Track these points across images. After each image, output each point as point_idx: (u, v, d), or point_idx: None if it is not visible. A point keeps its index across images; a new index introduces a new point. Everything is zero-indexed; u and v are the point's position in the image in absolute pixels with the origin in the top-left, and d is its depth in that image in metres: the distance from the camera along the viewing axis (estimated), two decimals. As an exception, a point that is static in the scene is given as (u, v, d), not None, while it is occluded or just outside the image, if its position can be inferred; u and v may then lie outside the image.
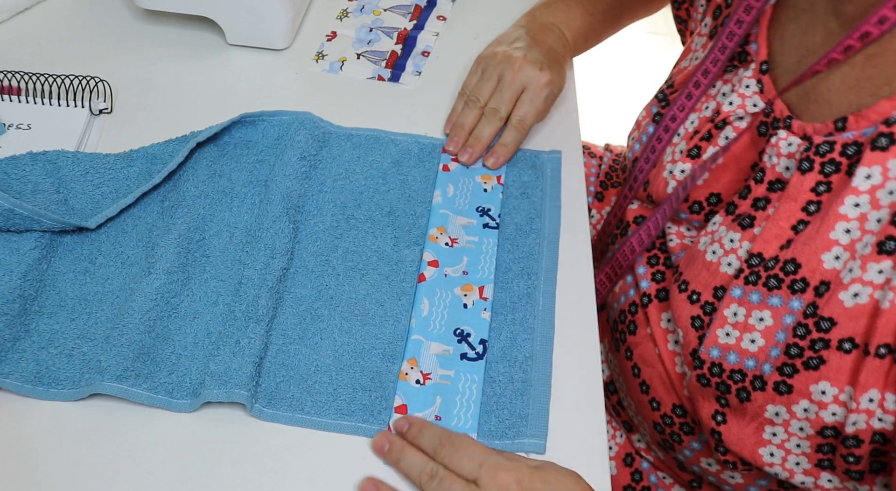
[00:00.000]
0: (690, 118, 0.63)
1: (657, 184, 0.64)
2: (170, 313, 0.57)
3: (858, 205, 0.48)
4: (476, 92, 0.70)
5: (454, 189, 0.66)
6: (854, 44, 0.49)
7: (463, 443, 0.50)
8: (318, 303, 0.59)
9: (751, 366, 0.52)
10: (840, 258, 0.49)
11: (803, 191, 0.51)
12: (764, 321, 0.52)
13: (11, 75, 0.72)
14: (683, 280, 0.58)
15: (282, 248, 0.60)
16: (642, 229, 0.64)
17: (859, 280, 0.47)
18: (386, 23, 0.83)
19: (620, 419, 0.71)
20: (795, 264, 0.50)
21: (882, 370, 0.47)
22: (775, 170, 0.54)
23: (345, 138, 0.70)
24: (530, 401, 0.55)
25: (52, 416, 0.53)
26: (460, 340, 0.57)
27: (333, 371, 0.55)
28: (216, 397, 0.52)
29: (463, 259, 0.61)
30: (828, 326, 0.48)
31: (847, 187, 0.48)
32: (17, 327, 0.56)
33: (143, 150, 0.67)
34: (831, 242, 0.49)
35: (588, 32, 0.78)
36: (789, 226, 0.51)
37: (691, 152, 0.61)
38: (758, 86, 0.57)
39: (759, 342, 0.52)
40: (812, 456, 0.52)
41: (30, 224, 0.59)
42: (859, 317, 0.47)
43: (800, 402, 0.50)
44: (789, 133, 0.53)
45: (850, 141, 0.49)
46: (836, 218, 0.49)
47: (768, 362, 0.51)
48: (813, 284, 0.50)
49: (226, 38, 0.79)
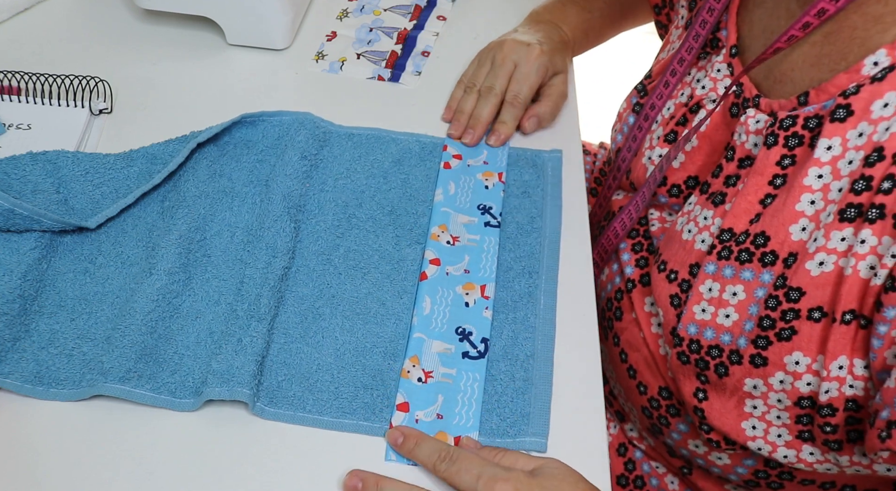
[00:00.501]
0: (667, 105, 0.65)
1: (637, 170, 0.66)
2: (172, 313, 0.57)
3: (821, 176, 0.49)
4: (472, 78, 0.73)
5: (455, 187, 0.66)
6: (811, 20, 0.51)
7: (460, 456, 0.49)
8: (319, 302, 0.59)
9: (727, 341, 0.53)
10: (806, 229, 0.50)
11: (769, 165, 0.53)
12: (737, 296, 0.53)
13: (11, 75, 0.72)
14: (662, 260, 0.59)
15: (283, 247, 0.60)
16: (624, 213, 0.66)
17: (823, 249, 0.48)
18: (386, 23, 0.83)
19: (613, 409, 0.72)
20: (765, 237, 0.52)
21: (849, 336, 0.47)
22: (744, 147, 0.55)
23: (345, 137, 0.70)
24: (532, 399, 0.55)
25: (52, 416, 0.53)
26: (462, 338, 0.57)
27: (335, 370, 0.55)
28: (218, 395, 0.52)
29: (464, 257, 0.61)
30: (797, 296, 0.49)
31: (810, 159, 0.50)
32: (17, 327, 0.56)
33: (143, 150, 0.67)
34: (797, 214, 0.50)
35: (587, 29, 0.79)
36: (757, 200, 0.53)
37: (668, 137, 0.63)
38: (728, 69, 0.59)
39: (733, 316, 0.53)
40: (792, 427, 0.53)
41: (30, 224, 0.59)
42: (825, 285, 0.48)
43: (775, 374, 0.51)
44: (757, 111, 0.55)
45: (811, 114, 0.51)
46: (800, 190, 0.50)
47: (743, 336, 0.52)
48: (782, 255, 0.51)
49: (226, 38, 0.79)
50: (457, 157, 0.68)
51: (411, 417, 0.53)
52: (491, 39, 0.75)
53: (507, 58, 0.71)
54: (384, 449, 0.53)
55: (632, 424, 0.71)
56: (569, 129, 0.74)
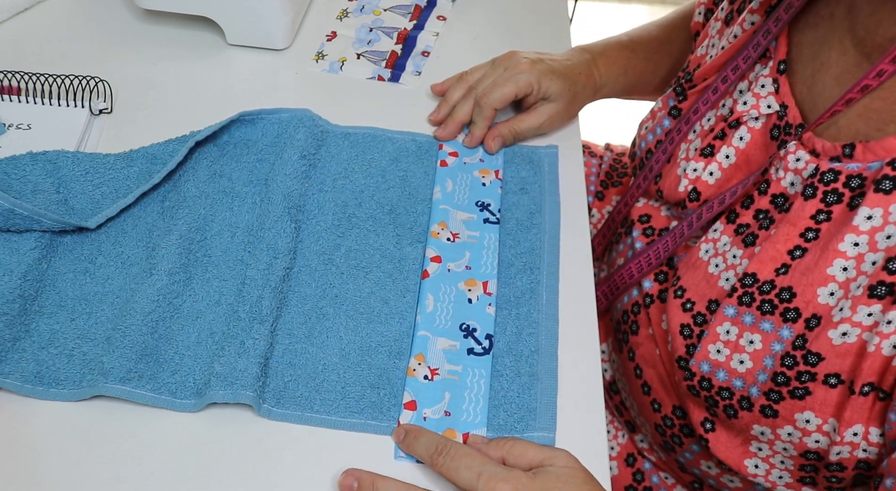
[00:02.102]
0: (708, 115, 0.62)
1: (669, 180, 0.64)
2: (172, 314, 0.57)
3: (857, 245, 0.48)
4: (468, 73, 0.72)
5: (453, 184, 0.66)
6: (871, 83, 0.49)
7: (460, 452, 0.48)
8: (323, 302, 0.59)
9: (738, 386, 0.53)
10: (834, 295, 0.49)
11: (803, 217, 0.51)
12: (754, 344, 0.52)
13: (11, 75, 0.72)
14: (680, 286, 0.58)
15: (284, 247, 0.60)
16: (642, 256, 0.63)
17: (849, 320, 0.48)
18: (386, 23, 0.83)
19: (623, 419, 0.71)
20: (791, 293, 0.51)
21: (866, 406, 0.47)
22: (780, 184, 0.54)
23: (342, 137, 0.70)
24: (538, 394, 0.55)
25: (52, 416, 0.53)
26: (466, 334, 0.57)
27: (341, 369, 0.55)
28: (222, 398, 0.52)
29: (465, 254, 0.61)
30: (815, 360, 0.49)
31: (848, 225, 0.48)
32: (17, 327, 0.56)
33: (143, 150, 0.66)
34: (828, 278, 0.49)
35: (626, 68, 0.74)
36: (786, 250, 0.52)
37: (704, 151, 0.61)
38: (773, 86, 0.56)
39: (747, 364, 0.52)
40: (795, 473, 0.53)
41: (30, 224, 0.59)
42: (846, 355, 0.48)
43: (784, 426, 0.51)
44: (798, 145, 0.53)
45: (854, 173, 0.49)
46: (834, 254, 0.49)
47: (756, 386, 0.52)
48: (805, 315, 0.50)
49: (226, 38, 0.79)
50: (453, 155, 0.68)
51: (419, 414, 0.53)
52: (491, 39, 0.75)
53: (501, 63, 0.70)
54: (392, 448, 0.52)
55: (642, 436, 0.70)
56: (568, 127, 0.74)
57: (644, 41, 0.76)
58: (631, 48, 0.74)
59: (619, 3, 2.33)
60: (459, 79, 0.72)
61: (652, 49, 0.75)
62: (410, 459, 0.52)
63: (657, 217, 0.67)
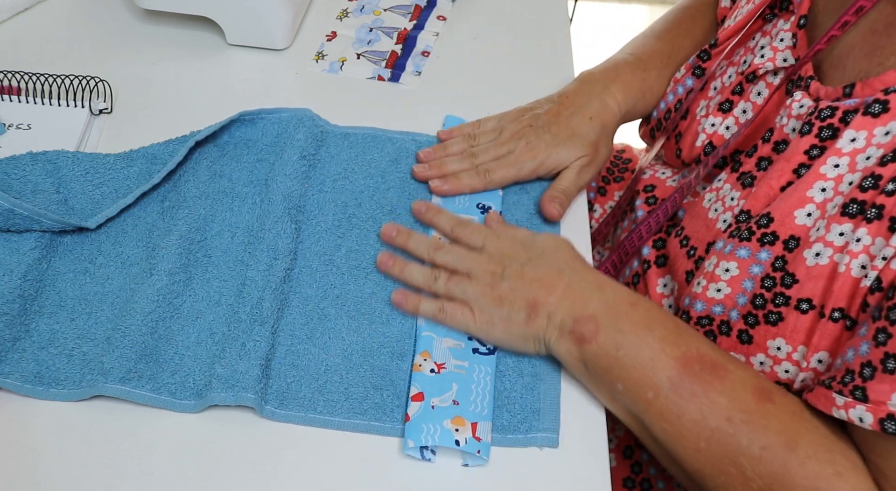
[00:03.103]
0: (728, 72, 0.63)
1: (688, 137, 0.64)
2: (172, 314, 0.57)
3: (838, 166, 0.49)
4: (480, 132, 0.69)
5: None
6: (865, 3, 0.49)
7: (472, 224, 0.60)
8: (324, 302, 0.59)
9: (718, 312, 0.54)
10: (812, 215, 0.50)
11: (798, 152, 0.52)
12: (730, 272, 0.53)
13: (11, 75, 0.72)
14: (686, 235, 0.59)
15: (284, 248, 0.60)
16: (651, 218, 0.64)
17: (822, 240, 0.48)
18: (386, 23, 0.83)
19: None
20: (769, 218, 0.52)
21: (834, 334, 0.48)
22: (783, 130, 0.55)
23: (341, 137, 0.70)
24: (541, 395, 0.55)
25: (53, 416, 0.53)
26: (470, 337, 0.57)
27: (344, 370, 0.55)
28: (224, 401, 0.52)
29: None
30: (790, 281, 0.50)
31: (831, 148, 0.49)
32: (17, 327, 0.56)
33: (143, 150, 0.66)
34: (806, 200, 0.50)
35: (643, 89, 0.72)
36: (779, 186, 0.53)
37: (722, 106, 0.61)
38: (792, 40, 0.57)
39: (725, 290, 0.53)
40: None
41: (30, 224, 0.59)
42: (818, 278, 0.48)
43: (757, 354, 0.52)
44: (804, 94, 0.54)
45: (851, 108, 0.50)
46: (815, 177, 0.50)
47: (735, 309, 0.53)
48: (783, 237, 0.51)
49: (226, 38, 0.79)
50: None
51: (427, 404, 0.53)
52: (491, 39, 0.74)
53: (511, 140, 0.66)
54: (397, 448, 0.52)
55: None
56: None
57: (651, 56, 0.74)
58: (642, 68, 0.73)
59: (619, 3, 2.33)
60: (467, 135, 0.69)
61: (662, 63, 0.74)
62: (416, 457, 0.52)
63: (661, 187, 0.68)
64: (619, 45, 0.79)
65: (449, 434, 0.51)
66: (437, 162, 0.67)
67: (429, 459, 0.52)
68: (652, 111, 0.74)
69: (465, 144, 0.68)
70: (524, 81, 0.76)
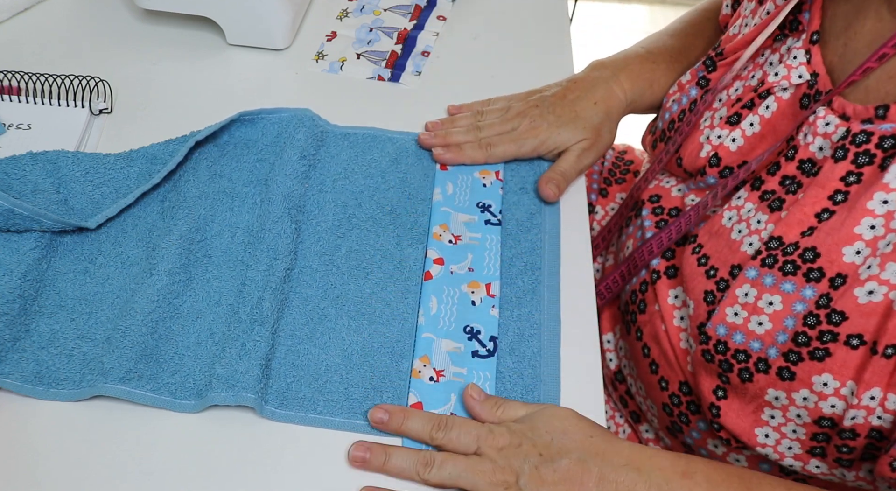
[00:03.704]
0: (735, 85, 0.62)
1: (690, 147, 0.64)
2: (172, 314, 0.57)
3: (887, 202, 0.48)
4: (487, 110, 0.71)
5: (453, 187, 0.66)
6: None
7: (456, 422, 0.51)
8: (324, 302, 0.59)
9: (756, 348, 0.52)
10: (861, 253, 0.49)
11: (833, 179, 0.51)
12: (773, 306, 0.52)
13: (11, 75, 0.72)
14: (704, 254, 0.58)
15: (284, 248, 0.60)
16: (664, 234, 0.64)
17: (876, 278, 0.47)
18: (386, 23, 0.83)
19: (627, 410, 0.71)
20: (815, 253, 0.50)
21: (887, 370, 0.47)
22: (808, 149, 0.53)
23: (341, 137, 0.70)
24: (541, 396, 0.55)
25: (53, 416, 0.53)
26: (471, 337, 0.57)
27: (343, 370, 0.55)
28: (224, 401, 0.52)
29: (468, 256, 0.61)
30: (839, 319, 0.48)
31: (877, 183, 0.48)
32: (17, 327, 0.56)
33: (143, 150, 0.66)
34: (854, 237, 0.49)
35: (651, 80, 0.73)
36: (813, 213, 0.51)
37: (730, 119, 0.61)
38: (806, 56, 0.56)
39: (766, 325, 0.52)
40: (805, 443, 0.52)
41: (30, 224, 0.59)
42: (871, 315, 0.47)
43: (800, 390, 0.50)
44: (828, 111, 0.53)
45: (888, 133, 0.49)
46: (863, 213, 0.49)
47: (774, 347, 0.52)
48: (829, 275, 0.50)
49: (226, 38, 0.79)
50: None
51: None
52: (491, 39, 0.74)
53: (515, 116, 0.69)
54: None
55: (648, 425, 0.70)
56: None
57: (662, 51, 0.75)
58: (651, 60, 0.74)
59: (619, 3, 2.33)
60: (476, 112, 0.71)
61: (672, 58, 0.75)
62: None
63: (667, 197, 0.67)
64: (619, 45, 0.80)
65: None
66: (443, 131, 0.69)
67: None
68: (658, 104, 0.75)
69: (473, 120, 0.71)
70: (524, 81, 0.76)
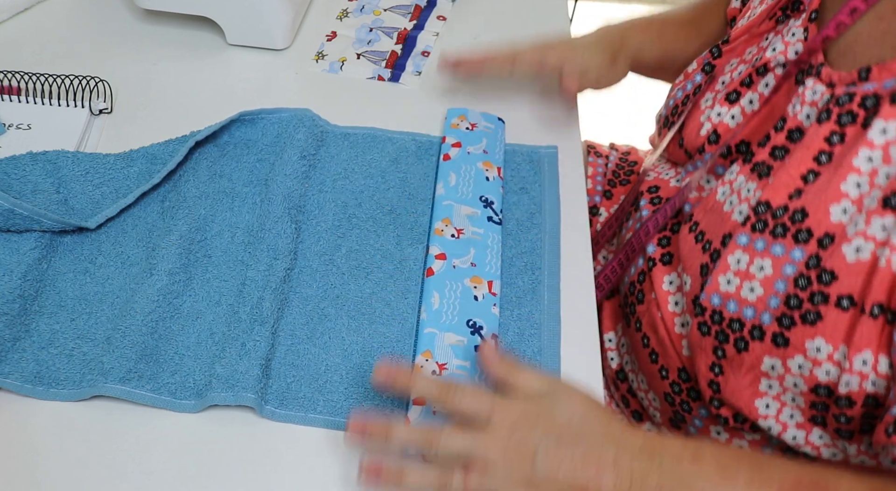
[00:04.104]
0: (739, 68, 0.63)
1: (691, 126, 0.64)
2: (172, 314, 0.57)
3: (871, 159, 0.48)
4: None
5: (456, 177, 0.66)
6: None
7: (467, 387, 0.48)
8: (324, 302, 0.59)
9: (749, 316, 0.52)
10: (847, 212, 0.49)
11: (817, 140, 0.51)
12: (764, 270, 0.52)
13: (11, 75, 0.72)
14: (700, 231, 0.59)
15: (284, 248, 0.60)
16: (658, 213, 0.64)
17: (862, 234, 0.47)
18: (386, 23, 0.83)
19: (629, 410, 0.71)
20: (803, 213, 0.50)
21: (876, 331, 0.46)
22: (797, 118, 0.54)
23: (341, 137, 0.70)
24: None
25: (53, 416, 0.53)
26: (473, 331, 0.57)
27: (344, 370, 0.55)
28: (224, 401, 0.52)
29: (470, 251, 0.61)
30: (829, 279, 0.48)
31: (862, 140, 0.48)
32: (17, 327, 0.56)
33: (143, 150, 0.66)
34: (841, 194, 0.49)
35: (659, 34, 0.76)
36: (799, 174, 0.52)
37: (730, 96, 0.61)
38: (804, 34, 0.57)
39: (757, 291, 0.52)
40: (806, 411, 0.52)
41: (30, 224, 0.59)
42: (859, 273, 0.47)
43: (795, 356, 0.50)
44: (816, 81, 0.53)
45: (870, 93, 0.49)
46: (848, 169, 0.49)
47: (767, 312, 0.52)
48: (817, 235, 0.50)
49: (226, 38, 0.79)
50: (456, 146, 0.68)
51: (428, 410, 0.53)
52: (491, 39, 0.74)
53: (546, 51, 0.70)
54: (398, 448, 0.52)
55: (650, 423, 0.70)
56: (568, 127, 0.74)
57: (673, 17, 0.78)
58: (661, 21, 0.77)
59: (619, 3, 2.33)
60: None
61: (682, 24, 0.77)
62: (417, 458, 0.52)
63: (665, 187, 0.68)
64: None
65: None
66: None
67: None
68: (667, 62, 0.77)
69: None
70: (524, 81, 0.76)
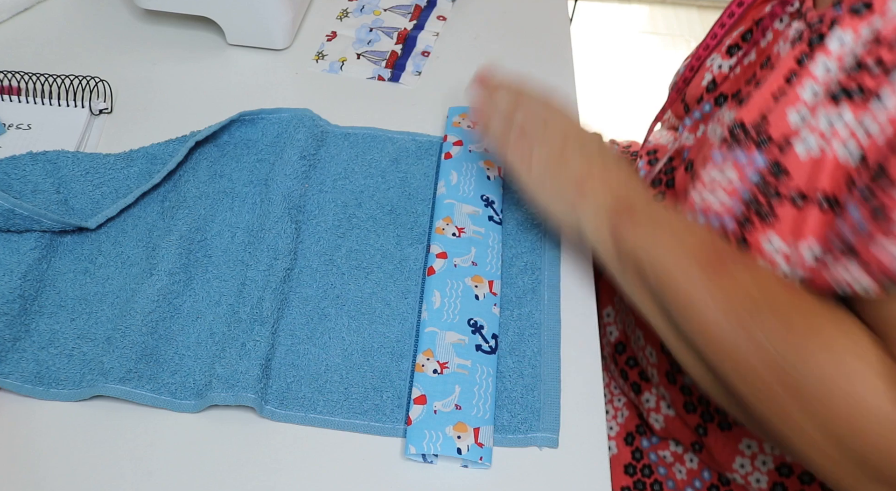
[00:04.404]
0: (740, 27, 0.64)
1: (695, 82, 0.65)
2: (172, 314, 0.57)
3: (829, 69, 0.49)
4: None
5: (458, 176, 0.66)
6: None
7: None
8: (324, 302, 0.59)
9: (716, 224, 0.54)
10: (803, 117, 0.50)
11: (789, 61, 0.52)
12: (730, 178, 0.53)
13: (11, 75, 0.72)
14: (690, 162, 0.60)
15: (284, 248, 0.60)
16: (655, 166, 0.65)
17: (808, 126, 0.48)
18: (386, 23, 0.83)
19: (628, 383, 0.71)
20: (764, 120, 0.52)
21: (820, 219, 0.47)
22: (780, 56, 0.55)
23: (342, 137, 0.70)
24: (541, 396, 0.55)
25: (53, 416, 0.53)
26: (474, 330, 0.57)
27: (344, 370, 0.55)
28: (224, 401, 0.52)
29: (471, 249, 0.61)
30: (782, 176, 0.49)
31: (821, 48, 0.49)
32: (17, 327, 0.56)
33: (143, 150, 0.67)
34: (798, 99, 0.50)
35: None
36: (770, 94, 0.52)
37: (731, 49, 0.63)
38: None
39: (723, 199, 0.53)
40: None
41: (30, 224, 0.59)
42: (810, 169, 0.48)
43: (756, 259, 0.51)
44: (801, 22, 0.54)
45: (839, 14, 0.50)
46: (806, 75, 0.50)
47: (731, 218, 0.53)
48: (777, 139, 0.50)
49: (226, 38, 0.79)
50: (457, 145, 0.68)
51: (429, 408, 0.53)
52: (491, 39, 0.74)
53: None
54: (397, 450, 0.52)
55: (648, 393, 0.70)
56: (569, 128, 0.74)
57: None
58: None
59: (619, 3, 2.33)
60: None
61: None
62: (418, 460, 0.52)
63: (663, 150, 0.68)
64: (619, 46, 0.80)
65: (451, 442, 0.51)
66: None
67: (431, 461, 0.52)
68: None
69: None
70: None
